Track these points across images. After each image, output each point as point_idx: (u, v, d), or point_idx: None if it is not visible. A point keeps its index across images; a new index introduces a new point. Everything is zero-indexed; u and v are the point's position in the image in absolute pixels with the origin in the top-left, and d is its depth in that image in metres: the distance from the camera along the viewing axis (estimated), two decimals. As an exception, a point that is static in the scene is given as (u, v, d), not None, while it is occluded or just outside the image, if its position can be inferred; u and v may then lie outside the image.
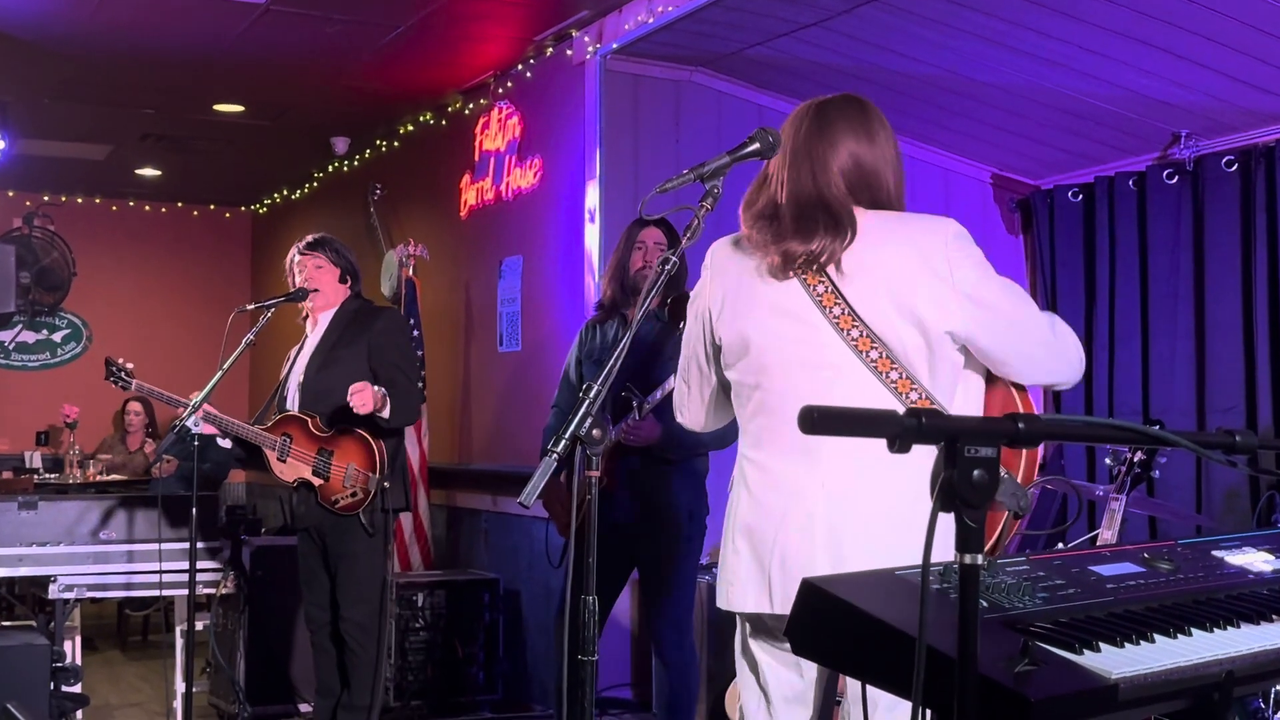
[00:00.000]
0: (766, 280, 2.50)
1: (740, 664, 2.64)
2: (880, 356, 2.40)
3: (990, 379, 2.58)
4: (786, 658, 2.56)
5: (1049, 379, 2.52)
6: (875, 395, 2.39)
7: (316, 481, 4.52)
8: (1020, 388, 2.57)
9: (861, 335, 2.41)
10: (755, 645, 2.59)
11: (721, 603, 2.57)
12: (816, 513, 2.41)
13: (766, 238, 2.49)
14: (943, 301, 2.40)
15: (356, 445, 4.53)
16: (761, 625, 2.56)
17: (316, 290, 4.66)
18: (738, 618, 2.61)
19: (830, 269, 2.44)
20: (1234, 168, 5.50)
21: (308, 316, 4.76)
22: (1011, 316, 2.45)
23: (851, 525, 2.40)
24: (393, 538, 4.93)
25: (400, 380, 4.51)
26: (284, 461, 4.55)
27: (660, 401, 3.95)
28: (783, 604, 2.42)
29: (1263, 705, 3.79)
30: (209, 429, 4.50)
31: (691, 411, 2.73)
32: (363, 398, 4.28)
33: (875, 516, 2.40)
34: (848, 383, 2.41)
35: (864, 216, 2.48)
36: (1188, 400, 5.61)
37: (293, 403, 4.64)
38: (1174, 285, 5.70)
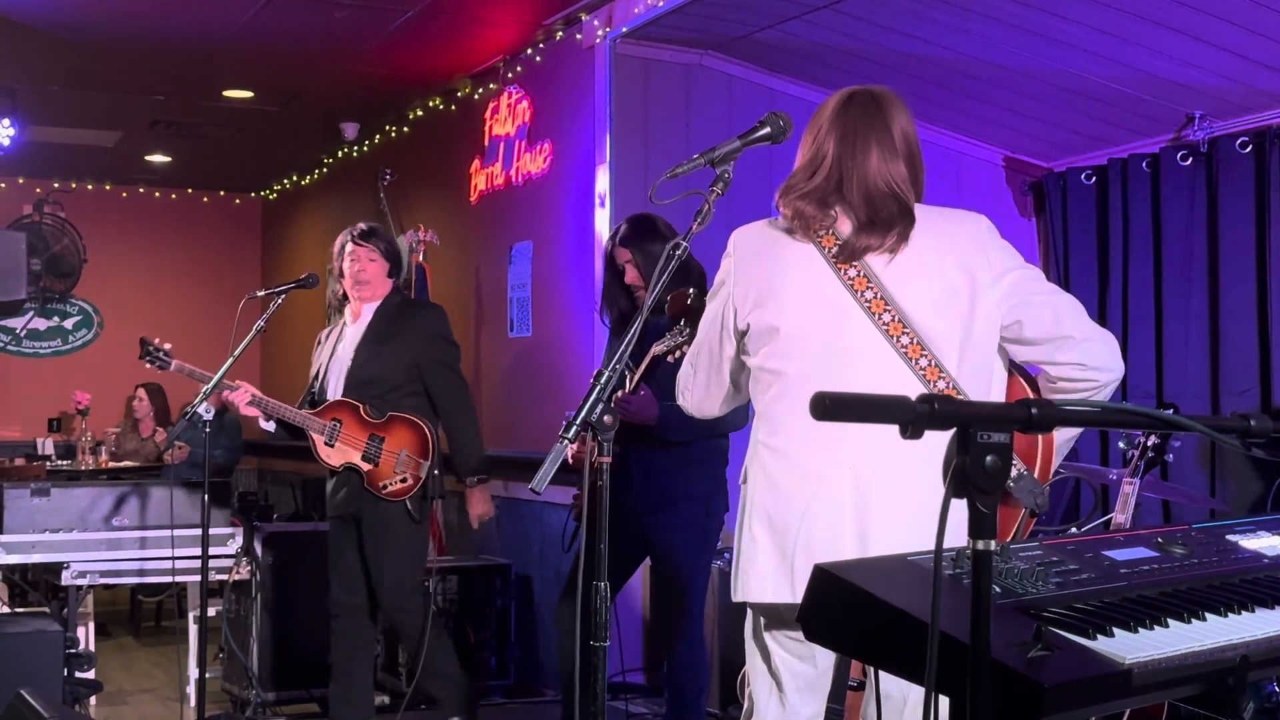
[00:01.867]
0: (798, 266, 2.50)
1: (751, 652, 2.62)
2: (911, 343, 2.41)
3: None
4: (800, 648, 2.55)
5: (1094, 360, 2.46)
6: (902, 380, 2.40)
7: (365, 467, 4.56)
8: (1034, 385, 2.59)
9: (893, 320, 2.42)
10: (769, 635, 2.57)
11: (738, 595, 2.54)
12: (845, 500, 2.41)
13: (828, 222, 2.49)
14: (980, 293, 2.44)
15: (409, 432, 4.58)
16: (776, 615, 2.54)
17: (314, 278, 4.69)
18: (749, 607, 2.59)
19: (865, 256, 2.46)
20: (1248, 149, 5.47)
21: (345, 302, 4.77)
22: (1049, 302, 2.47)
23: (879, 514, 2.40)
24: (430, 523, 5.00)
25: (451, 379, 4.69)
26: (332, 446, 4.59)
27: (652, 374, 3.90)
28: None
29: (1277, 689, 3.79)
30: (251, 410, 4.54)
31: (695, 394, 2.72)
32: (485, 511, 4.67)
33: (903, 505, 2.39)
34: (875, 367, 2.42)
35: None
36: (1202, 383, 5.59)
37: (334, 391, 4.68)
38: (1188, 268, 5.68)
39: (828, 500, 2.42)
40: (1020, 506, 2.46)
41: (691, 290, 3.37)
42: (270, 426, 4.69)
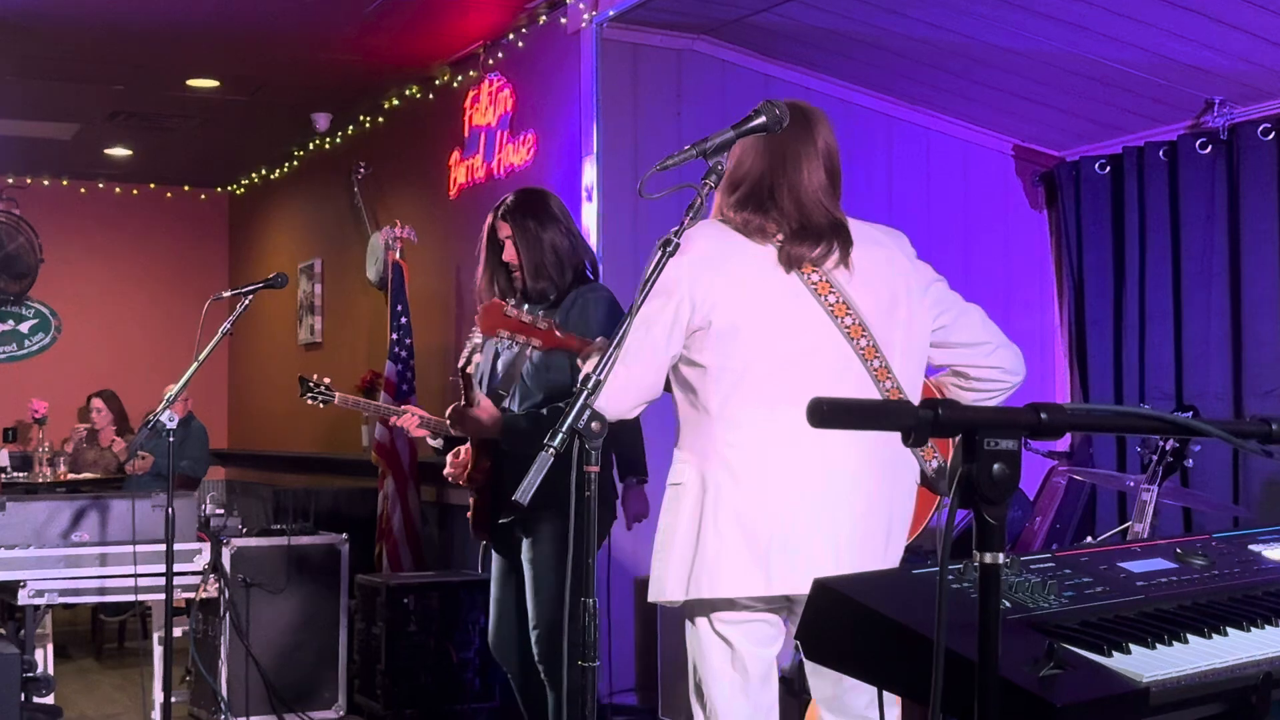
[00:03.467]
0: (761, 267, 2.72)
1: (709, 654, 2.77)
2: (867, 345, 2.70)
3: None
4: (762, 631, 2.78)
5: (1009, 364, 2.89)
6: (860, 380, 2.70)
7: None
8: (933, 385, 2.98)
9: (854, 324, 2.71)
10: (731, 629, 2.75)
11: (696, 591, 2.68)
12: (815, 492, 2.65)
13: (771, 231, 2.74)
14: (914, 299, 2.78)
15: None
16: (740, 607, 2.75)
17: (284, 278, 4.70)
18: (702, 608, 2.75)
19: (825, 262, 2.74)
20: (1270, 136, 5.48)
21: None
22: (969, 310, 2.88)
23: (847, 506, 2.67)
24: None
25: None
26: None
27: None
28: (782, 585, 2.66)
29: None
30: (421, 432, 4.52)
31: (613, 390, 2.59)
32: (641, 512, 4.54)
33: (869, 496, 2.68)
34: (837, 367, 2.70)
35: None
36: (1224, 383, 5.60)
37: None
38: (1208, 261, 5.69)
39: (799, 493, 2.64)
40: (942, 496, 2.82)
41: (509, 301, 3.30)
42: (439, 444, 4.74)
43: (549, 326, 2.99)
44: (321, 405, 4.77)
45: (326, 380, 4.80)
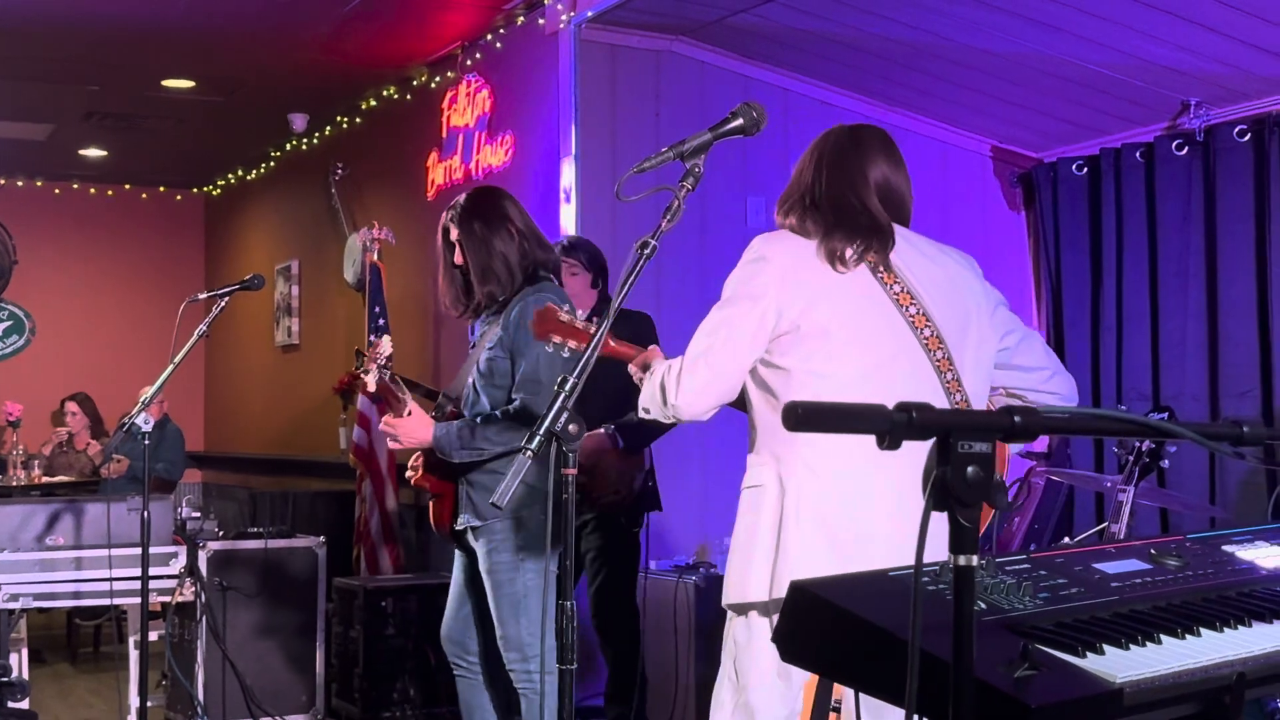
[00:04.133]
0: (845, 275, 2.76)
1: (759, 654, 2.74)
2: (942, 356, 2.76)
3: None
4: None
5: (1065, 391, 3.00)
6: (933, 389, 2.76)
7: (581, 479, 4.60)
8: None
9: (931, 335, 2.76)
10: None
11: (779, 590, 2.67)
12: (896, 496, 2.67)
13: (814, 231, 2.77)
14: (986, 319, 2.86)
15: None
16: None
17: (260, 280, 4.71)
18: (757, 607, 2.74)
19: (905, 273, 2.79)
20: (1246, 138, 5.52)
21: None
22: (1031, 335, 2.97)
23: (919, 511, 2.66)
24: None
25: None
26: None
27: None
28: None
29: (1280, 706, 3.82)
30: None
31: (693, 392, 2.73)
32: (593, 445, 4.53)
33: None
34: (914, 375, 2.75)
35: (908, 235, 2.87)
36: (1200, 385, 5.64)
37: None
38: (1184, 263, 5.72)
39: (877, 495, 2.67)
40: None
41: (567, 306, 3.26)
42: None
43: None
44: (365, 379, 4.75)
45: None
